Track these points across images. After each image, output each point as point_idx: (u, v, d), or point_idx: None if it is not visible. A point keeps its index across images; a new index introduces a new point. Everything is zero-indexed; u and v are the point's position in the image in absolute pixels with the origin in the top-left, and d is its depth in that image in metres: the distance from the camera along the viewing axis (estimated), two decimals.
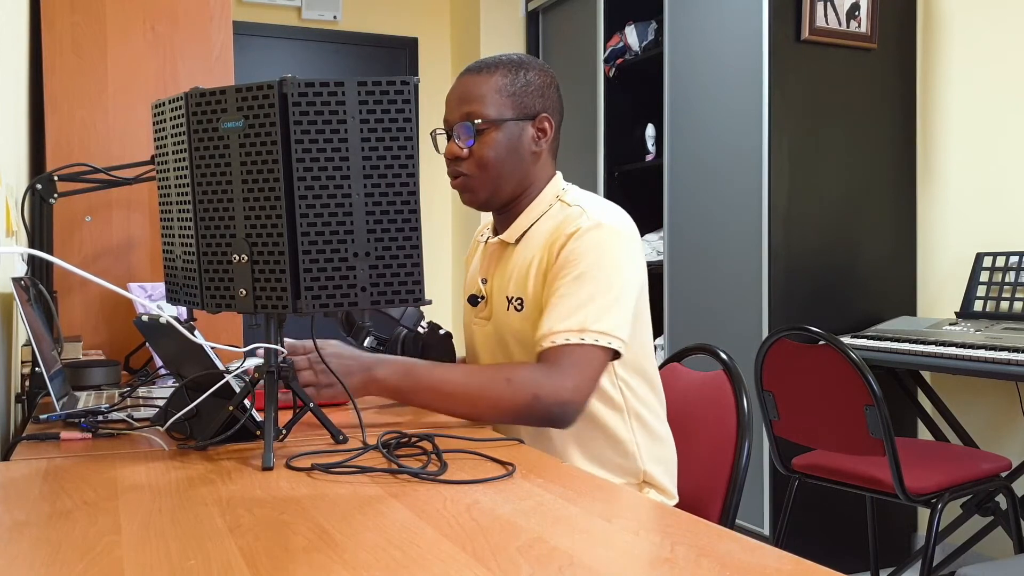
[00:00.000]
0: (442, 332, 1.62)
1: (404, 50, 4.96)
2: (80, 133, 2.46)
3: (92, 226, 2.47)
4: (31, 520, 0.93)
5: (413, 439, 1.26)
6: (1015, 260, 2.83)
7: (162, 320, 1.26)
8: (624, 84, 4.03)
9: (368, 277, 1.19)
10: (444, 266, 4.88)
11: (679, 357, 1.84)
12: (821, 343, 2.31)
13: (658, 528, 0.91)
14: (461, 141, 1.52)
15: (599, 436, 1.52)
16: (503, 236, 1.60)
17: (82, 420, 1.40)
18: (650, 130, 3.93)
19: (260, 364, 1.25)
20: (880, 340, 2.84)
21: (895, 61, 3.22)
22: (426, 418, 1.50)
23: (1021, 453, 2.85)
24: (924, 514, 3.28)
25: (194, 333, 1.27)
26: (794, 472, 2.55)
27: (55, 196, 2.15)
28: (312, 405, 1.27)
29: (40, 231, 2.16)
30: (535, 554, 0.82)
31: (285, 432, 1.31)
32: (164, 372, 1.92)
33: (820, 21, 3.04)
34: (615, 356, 1.45)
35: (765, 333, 3.01)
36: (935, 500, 2.25)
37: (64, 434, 1.34)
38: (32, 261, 2.13)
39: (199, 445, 1.25)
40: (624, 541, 0.87)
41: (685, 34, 3.44)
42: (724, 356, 1.67)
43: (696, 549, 0.83)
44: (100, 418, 1.44)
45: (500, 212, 1.62)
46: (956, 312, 2.94)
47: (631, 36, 3.88)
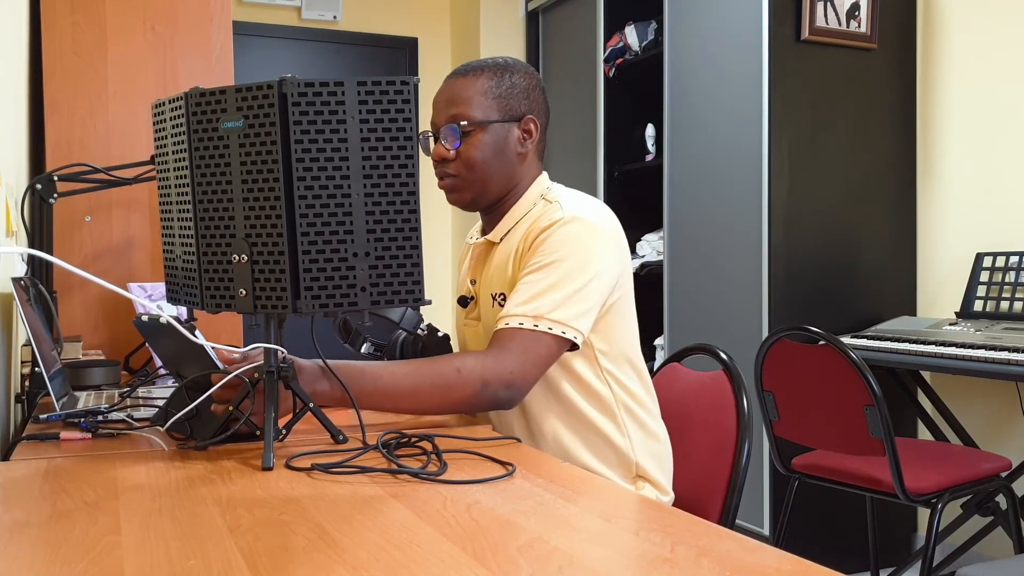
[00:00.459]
0: (440, 334, 1.62)
1: (404, 50, 4.96)
2: (80, 133, 2.46)
3: (92, 226, 2.47)
4: (31, 520, 0.93)
5: (413, 439, 1.26)
6: (1015, 260, 2.83)
7: (162, 320, 1.26)
8: (624, 84, 4.03)
9: (368, 277, 1.19)
10: (444, 266, 4.89)
11: (679, 357, 1.84)
12: (821, 343, 2.31)
13: (658, 528, 0.91)
14: (448, 143, 1.55)
15: (590, 429, 1.53)
16: (489, 236, 1.62)
17: (82, 420, 1.40)
18: (650, 130, 3.93)
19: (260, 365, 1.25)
20: (880, 340, 2.84)
21: (895, 61, 3.22)
22: (426, 418, 1.50)
23: (1021, 453, 2.85)
24: (924, 514, 3.28)
25: (195, 333, 1.27)
26: (794, 472, 2.55)
27: (55, 196, 2.15)
28: (312, 405, 1.27)
29: (40, 231, 2.16)
30: (535, 554, 0.82)
31: (285, 432, 1.31)
32: (164, 372, 1.92)
33: (820, 21, 3.04)
34: (572, 347, 1.46)
35: (765, 333, 3.01)
36: (935, 500, 2.25)
37: (64, 434, 1.34)
38: (32, 261, 2.13)
39: (199, 445, 1.25)
40: (624, 541, 0.87)
41: (685, 34, 3.44)
42: (724, 356, 1.67)
43: (696, 549, 0.83)
44: (100, 418, 1.44)
45: (487, 212, 1.64)
46: (956, 312, 2.94)
47: (631, 36, 3.88)
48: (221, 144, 1.18)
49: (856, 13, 3.10)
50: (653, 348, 3.74)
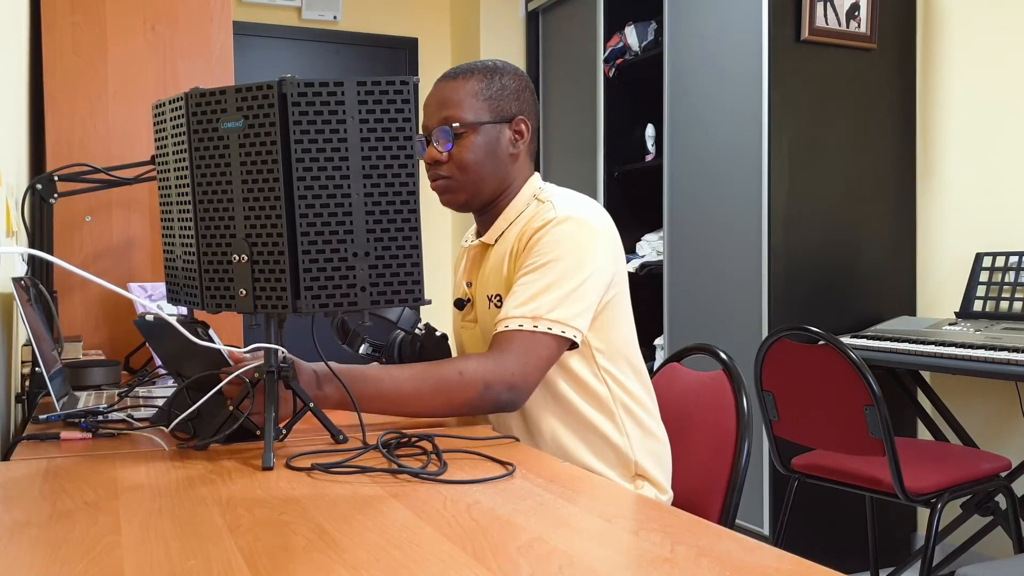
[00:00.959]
0: (439, 334, 1.62)
1: (404, 50, 4.96)
2: (80, 133, 2.46)
3: (92, 226, 2.47)
4: (31, 520, 0.93)
5: (413, 439, 1.26)
6: (1015, 260, 2.83)
7: (170, 321, 1.25)
8: (624, 84, 4.03)
9: (368, 277, 1.19)
10: (444, 266, 4.89)
11: (679, 357, 1.84)
12: (821, 343, 2.31)
13: (658, 528, 0.91)
14: (440, 145, 1.56)
15: (588, 428, 1.53)
16: (484, 238, 1.62)
17: (82, 420, 1.40)
18: (650, 130, 3.93)
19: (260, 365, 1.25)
20: (880, 340, 2.84)
21: (895, 61, 3.22)
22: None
23: (1021, 453, 2.85)
24: (924, 514, 3.28)
25: (208, 333, 1.27)
26: (794, 472, 2.55)
27: (55, 196, 2.15)
28: (312, 405, 1.27)
29: (40, 231, 2.16)
30: (535, 554, 0.82)
31: (285, 432, 1.31)
32: (163, 372, 1.92)
33: (820, 21, 3.04)
34: (572, 346, 1.47)
35: (765, 333, 3.01)
36: (935, 500, 2.25)
37: (64, 434, 1.34)
38: (32, 261, 2.13)
39: (199, 445, 1.25)
40: (624, 541, 0.87)
41: (685, 34, 3.44)
42: (724, 356, 1.67)
43: (696, 549, 0.83)
44: (100, 418, 1.44)
45: (480, 214, 1.65)
46: (956, 312, 2.94)
47: (631, 36, 3.88)
48: (221, 144, 1.18)
49: (856, 13, 3.10)
50: (653, 348, 3.74)
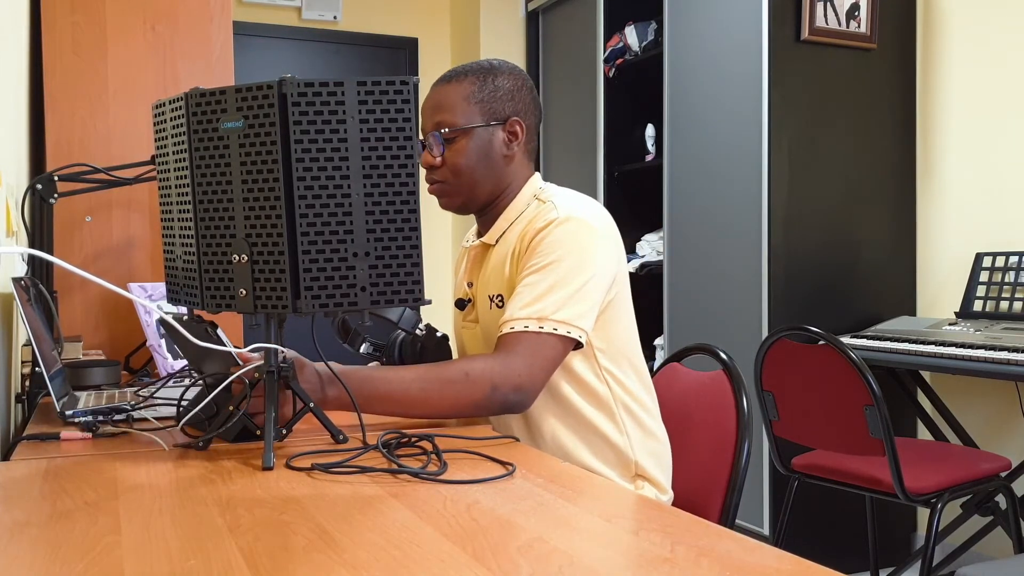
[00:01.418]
0: (439, 335, 1.62)
1: (404, 50, 4.96)
2: (80, 133, 2.46)
3: (92, 226, 2.47)
4: (31, 520, 0.93)
5: (413, 439, 1.26)
6: (1015, 260, 2.83)
7: (171, 323, 1.26)
8: (624, 84, 4.03)
9: (368, 277, 1.19)
10: (444, 266, 4.89)
11: (679, 357, 1.84)
12: (821, 343, 2.31)
13: (658, 528, 0.91)
14: (434, 151, 1.57)
15: (589, 428, 1.53)
16: (484, 239, 1.63)
17: (101, 417, 1.40)
18: (650, 130, 3.93)
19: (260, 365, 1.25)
20: (880, 340, 2.84)
21: (895, 61, 3.22)
22: None
23: (1021, 453, 2.85)
24: (924, 514, 3.28)
25: (216, 332, 1.27)
26: (794, 472, 2.55)
27: (55, 196, 2.15)
28: (312, 405, 1.27)
29: (40, 231, 2.16)
30: (535, 554, 0.82)
31: (285, 432, 1.31)
32: (172, 372, 1.92)
33: (820, 21, 3.04)
34: (577, 346, 1.47)
35: (765, 333, 3.01)
36: (935, 500, 2.25)
37: (64, 434, 1.34)
38: (32, 261, 2.13)
39: (200, 444, 1.25)
40: (624, 541, 0.87)
41: (685, 34, 3.44)
42: (724, 356, 1.67)
43: (696, 549, 0.83)
44: (123, 416, 1.44)
45: (480, 215, 1.65)
46: (956, 312, 2.94)
47: (631, 36, 3.88)
48: (221, 144, 1.18)
49: (856, 13, 3.10)
50: (653, 348, 3.74)
